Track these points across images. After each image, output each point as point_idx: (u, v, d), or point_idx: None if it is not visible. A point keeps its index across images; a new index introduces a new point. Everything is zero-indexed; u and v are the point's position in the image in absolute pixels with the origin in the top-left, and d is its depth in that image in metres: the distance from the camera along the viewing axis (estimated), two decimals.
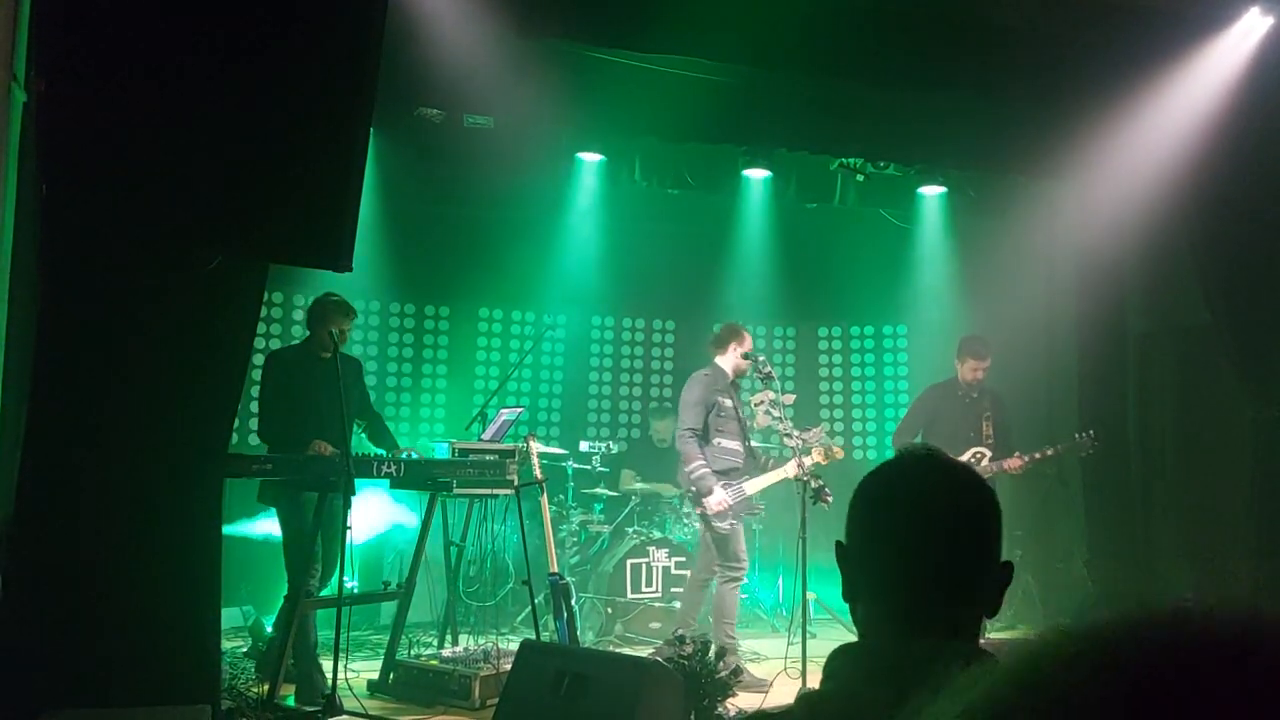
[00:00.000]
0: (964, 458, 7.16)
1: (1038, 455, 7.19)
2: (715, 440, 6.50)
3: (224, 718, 4.66)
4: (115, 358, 4.27)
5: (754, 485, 6.49)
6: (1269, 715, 0.49)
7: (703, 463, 6.40)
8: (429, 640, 6.63)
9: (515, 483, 6.13)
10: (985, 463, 7.12)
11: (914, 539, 1.52)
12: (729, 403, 6.52)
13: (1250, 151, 6.57)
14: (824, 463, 6.31)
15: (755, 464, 6.65)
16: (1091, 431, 7.30)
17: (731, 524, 6.39)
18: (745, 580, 6.54)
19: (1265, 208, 6.64)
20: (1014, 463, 7.10)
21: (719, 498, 6.32)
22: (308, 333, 6.21)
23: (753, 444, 6.81)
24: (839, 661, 1.52)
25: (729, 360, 6.59)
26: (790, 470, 6.29)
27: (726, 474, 6.46)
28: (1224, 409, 7.12)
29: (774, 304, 9.92)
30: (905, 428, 7.64)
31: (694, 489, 6.47)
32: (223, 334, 4.52)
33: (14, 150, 4.17)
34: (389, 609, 7.00)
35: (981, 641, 1.57)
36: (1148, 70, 6.44)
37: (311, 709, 5.38)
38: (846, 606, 1.62)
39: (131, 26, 4.09)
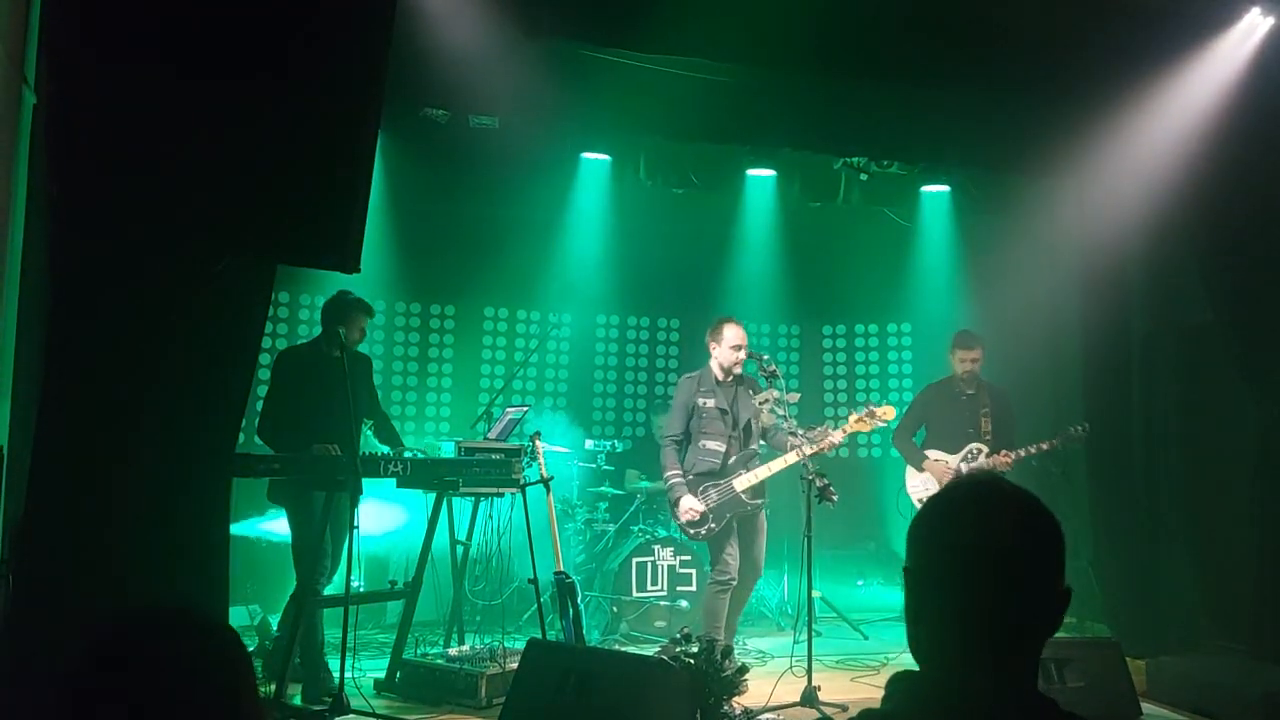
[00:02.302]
0: (960, 454, 7.20)
1: (1031, 449, 7.20)
2: (700, 443, 6.49)
3: None
4: (124, 358, 4.29)
5: (748, 479, 6.44)
6: None
7: (676, 472, 6.44)
8: (435, 639, 6.65)
9: (521, 481, 6.15)
10: (981, 459, 7.15)
11: (980, 571, 1.51)
12: (711, 403, 6.48)
13: (1252, 151, 6.57)
14: (867, 429, 6.31)
15: (752, 459, 6.58)
16: (1085, 425, 7.29)
17: (710, 528, 6.36)
18: (730, 585, 6.41)
19: (1268, 206, 6.65)
20: (1003, 459, 7.11)
21: (688, 505, 6.34)
22: (318, 330, 6.23)
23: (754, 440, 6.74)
24: (899, 686, 1.53)
25: (716, 357, 6.58)
26: (789, 460, 6.30)
27: (706, 475, 6.44)
28: (1228, 408, 7.12)
29: (778, 302, 9.95)
30: (904, 426, 7.68)
31: (669, 499, 6.52)
32: (231, 334, 4.53)
33: (24, 151, 4.20)
34: (395, 608, 7.03)
35: None
36: (1150, 70, 6.45)
37: (318, 708, 5.40)
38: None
39: (141, 29, 4.12)
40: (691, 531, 6.42)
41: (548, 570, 6.09)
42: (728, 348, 6.46)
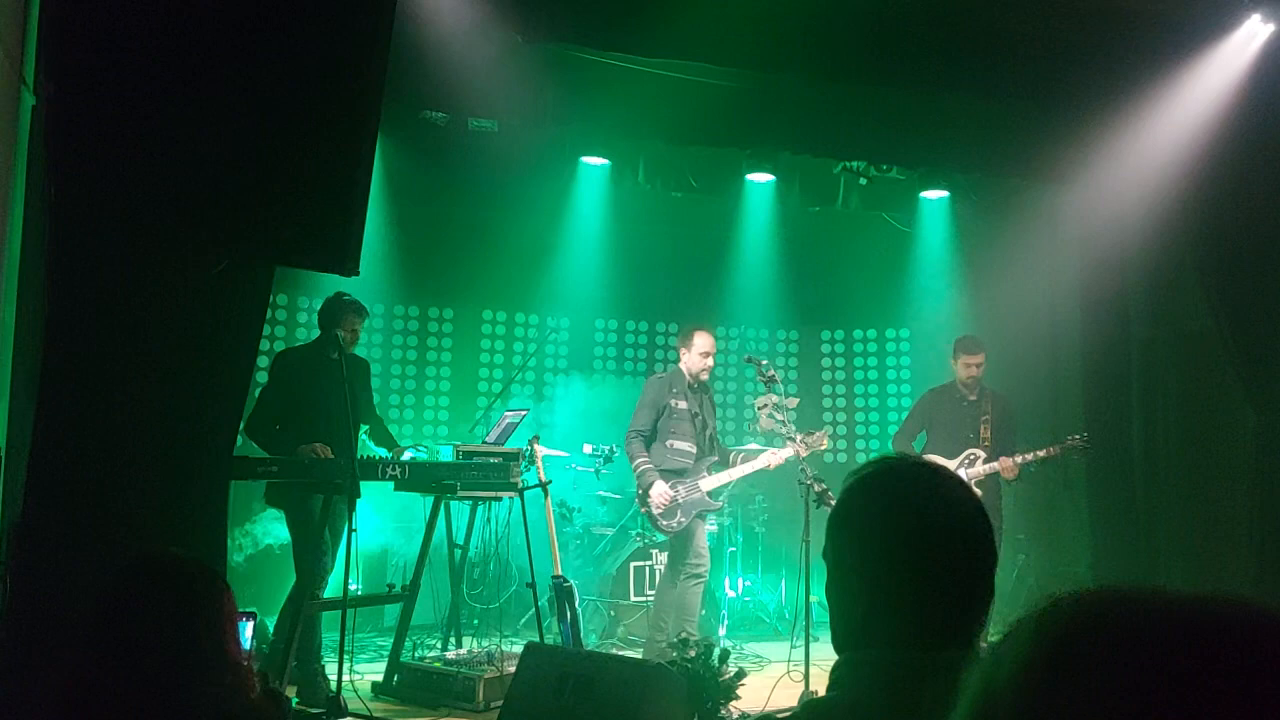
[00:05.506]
0: (958, 459, 7.16)
1: (1029, 457, 7.14)
2: (666, 442, 6.58)
3: None
4: (122, 360, 4.29)
5: (712, 482, 6.51)
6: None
7: (645, 459, 6.52)
8: (433, 642, 6.64)
9: (519, 485, 6.14)
10: (979, 465, 7.11)
11: (945, 550, 1.51)
12: (683, 405, 6.59)
13: (1252, 157, 6.58)
14: (803, 454, 6.27)
15: (722, 464, 6.66)
16: (1084, 434, 7.26)
17: (680, 521, 6.44)
18: (706, 577, 6.58)
19: (1268, 213, 6.66)
20: (1006, 463, 7.05)
21: (660, 490, 6.40)
22: (316, 333, 6.22)
23: (730, 446, 6.83)
24: (845, 671, 1.51)
25: (685, 362, 6.68)
26: (750, 468, 6.46)
27: (677, 474, 6.51)
28: (1226, 414, 7.13)
29: (777, 307, 9.95)
30: (904, 430, 7.60)
31: (638, 487, 6.56)
32: (229, 336, 4.53)
33: (23, 153, 4.20)
34: (393, 611, 7.02)
35: (985, 646, 1.58)
36: (1150, 76, 6.46)
37: (316, 710, 5.39)
38: None
39: (139, 30, 4.12)
40: (664, 523, 6.46)
41: (546, 574, 6.08)
42: (697, 354, 6.61)
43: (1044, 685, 0.65)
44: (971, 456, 7.17)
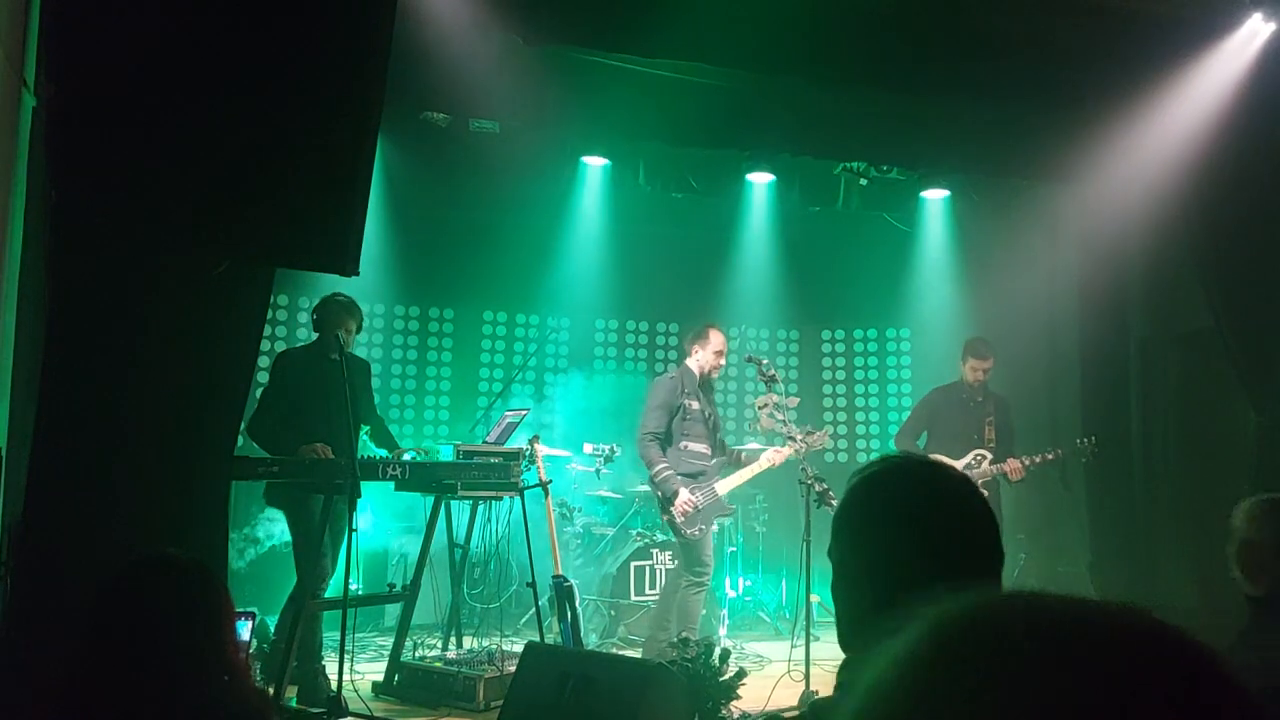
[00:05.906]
0: (965, 460, 7.16)
1: (1037, 459, 7.17)
2: (681, 444, 6.50)
3: None
4: (123, 361, 4.29)
5: (725, 485, 6.50)
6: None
7: (665, 465, 6.41)
8: (434, 642, 6.64)
9: (519, 485, 6.14)
10: (985, 465, 7.12)
11: (952, 547, 1.52)
12: (696, 405, 6.52)
13: (1252, 156, 6.58)
14: (799, 455, 6.26)
15: (729, 464, 6.66)
16: (1092, 438, 7.29)
17: (700, 528, 6.37)
18: (708, 585, 6.58)
19: (1268, 211, 6.66)
20: (1014, 465, 7.09)
21: (685, 497, 6.30)
22: (315, 334, 6.23)
23: (731, 445, 6.85)
24: (851, 673, 1.52)
25: (697, 361, 6.63)
26: (760, 467, 6.45)
27: (693, 478, 6.44)
28: (1226, 414, 7.13)
29: (777, 307, 9.94)
30: (907, 429, 7.61)
31: (659, 493, 6.47)
32: (229, 337, 4.53)
33: (23, 154, 4.20)
34: (394, 611, 7.02)
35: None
36: (1150, 76, 6.45)
37: (317, 710, 5.39)
38: None
39: (140, 32, 4.12)
40: (689, 531, 6.39)
41: (546, 573, 6.08)
42: (712, 352, 6.55)
43: (924, 686, 0.64)
44: (979, 457, 7.18)
